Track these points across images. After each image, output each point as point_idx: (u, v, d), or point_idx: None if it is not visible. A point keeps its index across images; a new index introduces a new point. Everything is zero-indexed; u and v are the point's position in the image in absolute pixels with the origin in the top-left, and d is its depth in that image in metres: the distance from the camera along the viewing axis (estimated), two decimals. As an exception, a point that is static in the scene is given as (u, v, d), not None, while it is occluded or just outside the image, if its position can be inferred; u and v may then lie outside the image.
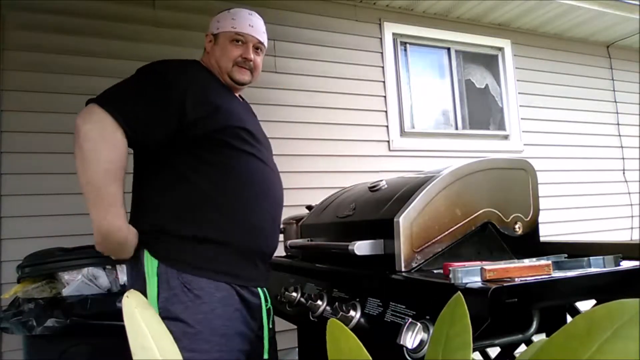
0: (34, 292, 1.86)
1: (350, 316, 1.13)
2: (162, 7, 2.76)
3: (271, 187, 1.44)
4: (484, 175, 1.31)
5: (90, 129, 1.19)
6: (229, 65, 1.45)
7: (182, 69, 1.37)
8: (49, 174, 2.46)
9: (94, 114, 1.20)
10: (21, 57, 2.48)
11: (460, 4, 3.55)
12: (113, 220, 1.20)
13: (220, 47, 1.46)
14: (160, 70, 1.33)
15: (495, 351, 1.59)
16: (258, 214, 1.36)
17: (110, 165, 1.19)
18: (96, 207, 1.18)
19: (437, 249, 1.19)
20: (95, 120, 1.20)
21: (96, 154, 1.18)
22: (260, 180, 1.39)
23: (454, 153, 3.54)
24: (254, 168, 1.38)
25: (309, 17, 3.27)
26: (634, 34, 4.18)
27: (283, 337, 2.60)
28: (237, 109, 1.45)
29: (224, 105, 1.37)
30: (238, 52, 1.45)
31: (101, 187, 1.18)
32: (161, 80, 1.30)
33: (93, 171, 1.18)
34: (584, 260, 1.10)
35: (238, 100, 1.54)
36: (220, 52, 1.46)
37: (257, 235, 1.36)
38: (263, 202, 1.39)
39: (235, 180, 1.34)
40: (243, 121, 1.40)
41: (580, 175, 4.12)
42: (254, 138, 1.40)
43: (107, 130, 1.19)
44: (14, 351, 2.23)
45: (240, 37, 1.46)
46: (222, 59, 1.45)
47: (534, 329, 0.94)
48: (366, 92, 3.39)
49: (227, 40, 1.46)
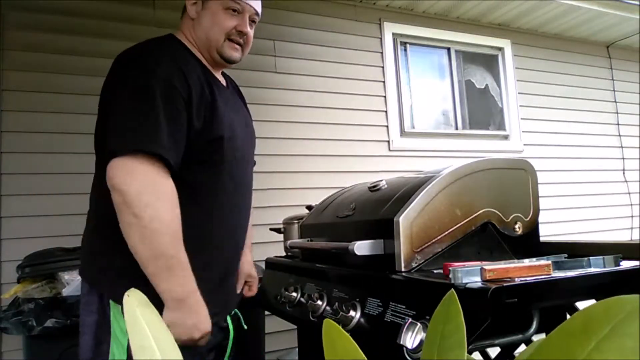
0: (34, 292, 1.87)
1: (350, 316, 1.13)
2: (162, 7, 2.76)
3: (236, 205, 1.30)
4: (484, 175, 1.31)
5: (139, 191, 0.99)
6: (220, 39, 1.22)
7: (177, 62, 1.15)
8: (49, 174, 2.46)
9: (134, 169, 1.01)
10: (21, 57, 2.49)
11: (460, 4, 3.55)
12: (189, 284, 1.05)
13: (211, 14, 1.22)
14: (158, 66, 1.11)
15: (495, 351, 1.59)
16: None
17: (175, 226, 1.03)
18: (171, 278, 1.02)
19: (437, 249, 1.19)
20: (140, 175, 1.00)
21: (160, 221, 1.00)
22: (225, 201, 1.25)
23: (454, 153, 3.54)
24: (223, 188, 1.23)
25: (309, 17, 3.27)
26: (634, 34, 4.18)
27: (283, 337, 2.61)
28: (226, 107, 1.24)
29: (219, 107, 1.19)
30: (232, 23, 1.22)
31: (174, 256, 1.02)
32: (163, 85, 1.09)
33: (162, 243, 1.00)
34: (584, 260, 1.10)
35: (223, 88, 1.31)
36: (210, 22, 1.22)
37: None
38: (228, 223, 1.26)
39: (205, 205, 1.20)
40: (233, 127, 1.23)
41: (580, 175, 4.12)
42: (235, 147, 1.24)
43: (158, 183, 1.02)
44: (14, 351, 2.23)
45: (237, 4, 1.22)
46: (212, 31, 1.22)
47: (534, 329, 0.94)
48: (366, 92, 3.39)
49: (219, 7, 1.22)
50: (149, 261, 1.01)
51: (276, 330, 2.57)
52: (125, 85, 1.09)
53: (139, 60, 1.13)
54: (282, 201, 2.91)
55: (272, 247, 2.32)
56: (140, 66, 1.11)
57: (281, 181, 2.99)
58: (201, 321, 1.07)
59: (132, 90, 1.08)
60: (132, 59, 1.15)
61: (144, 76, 1.09)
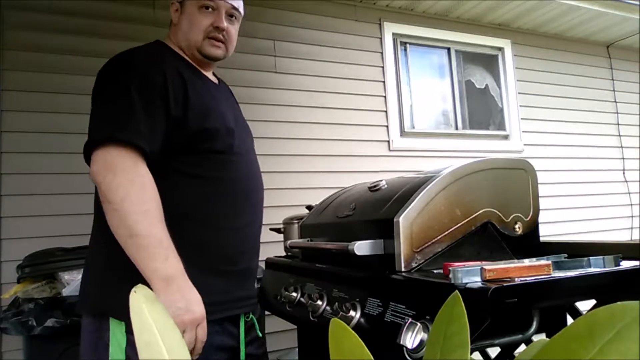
0: (34, 292, 1.87)
1: (350, 316, 1.13)
2: (162, 7, 2.76)
3: (253, 189, 1.32)
4: (484, 175, 1.31)
5: (113, 176, 1.04)
6: (199, 38, 1.26)
7: (155, 59, 1.20)
8: (49, 174, 2.46)
9: (108, 160, 1.06)
10: (21, 57, 2.49)
11: (460, 4, 3.55)
12: (174, 264, 1.04)
13: (188, 16, 1.27)
14: (136, 63, 1.17)
15: (495, 351, 1.59)
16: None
17: (149, 206, 1.05)
18: (153, 257, 1.02)
19: (437, 249, 1.19)
20: (114, 162, 1.05)
21: (130, 201, 1.03)
22: (240, 188, 1.26)
23: (454, 153, 3.54)
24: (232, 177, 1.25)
25: (309, 17, 3.27)
26: (634, 34, 4.18)
27: (283, 337, 2.61)
28: (213, 98, 1.27)
29: (204, 100, 1.22)
30: (208, 21, 1.26)
31: (150, 234, 1.03)
32: (140, 79, 1.13)
33: (136, 221, 1.02)
34: (584, 260, 1.10)
35: (212, 83, 1.35)
36: (187, 24, 1.27)
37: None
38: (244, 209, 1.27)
39: (212, 193, 1.22)
40: (224, 118, 1.25)
41: (580, 175, 4.12)
42: (231, 136, 1.26)
43: (130, 168, 1.06)
44: (14, 351, 2.23)
45: (209, 2, 1.25)
46: (191, 32, 1.26)
47: (534, 329, 0.94)
48: (366, 92, 3.40)
49: (194, 8, 1.26)
50: (126, 242, 1.04)
51: (276, 330, 2.57)
52: (103, 82, 1.17)
53: (118, 59, 1.20)
54: (282, 201, 2.91)
55: (272, 247, 2.32)
56: (119, 64, 1.18)
57: (281, 181, 2.99)
58: (192, 303, 1.06)
59: (108, 85, 1.15)
60: (113, 59, 1.21)
61: (121, 71, 1.16)
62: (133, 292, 0.45)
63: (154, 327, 0.42)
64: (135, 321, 0.42)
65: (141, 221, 1.03)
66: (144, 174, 1.08)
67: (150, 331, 0.42)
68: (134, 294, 0.45)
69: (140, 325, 0.42)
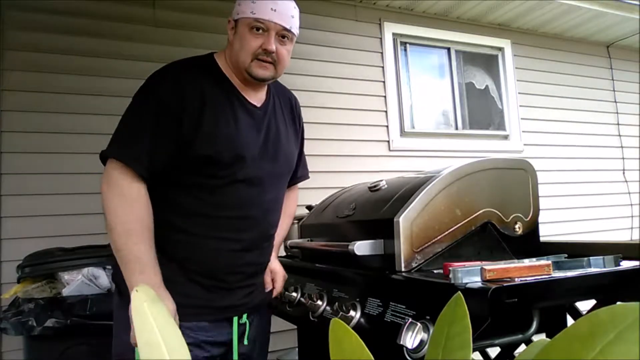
0: (34, 292, 1.86)
1: (350, 316, 1.13)
2: (162, 7, 2.76)
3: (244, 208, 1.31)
4: (484, 175, 1.31)
5: (108, 190, 1.16)
6: (247, 60, 1.25)
7: (178, 80, 1.23)
8: (49, 174, 2.46)
9: (109, 173, 1.17)
10: (21, 57, 2.49)
11: (460, 4, 3.55)
12: (153, 277, 1.14)
13: (239, 37, 1.25)
14: (156, 86, 1.23)
15: (495, 351, 1.59)
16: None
17: (132, 224, 1.14)
18: (131, 272, 1.13)
19: (437, 249, 1.19)
20: (113, 178, 1.16)
21: (115, 216, 1.14)
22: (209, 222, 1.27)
23: (454, 153, 3.54)
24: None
25: (309, 17, 3.26)
26: (633, 34, 4.18)
27: (283, 337, 2.61)
28: (231, 128, 1.26)
29: (220, 128, 1.24)
30: (257, 43, 1.23)
31: (131, 252, 1.13)
32: (156, 102, 1.20)
33: (116, 236, 1.14)
34: (584, 260, 1.10)
35: (247, 108, 1.32)
36: (238, 44, 1.26)
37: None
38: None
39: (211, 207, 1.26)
40: (243, 146, 1.26)
41: (580, 175, 4.12)
42: (241, 164, 1.25)
43: (124, 186, 1.16)
44: (14, 351, 2.23)
45: (259, 24, 1.22)
46: (241, 53, 1.25)
47: (534, 329, 0.94)
48: (366, 92, 3.39)
49: (245, 28, 1.24)
50: (113, 247, 1.16)
51: (276, 330, 2.56)
52: (132, 99, 1.26)
53: (147, 80, 1.26)
54: (282, 201, 2.91)
55: (272, 247, 2.31)
56: (144, 84, 1.26)
57: (281, 181, 2.98)
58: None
59: (131, 104, 1.24)
60: (149, 77, 1.27)
61: (141, 92, 1.25)
62: (135, 291, 0.45)
63: (154, 327, 0.42)
64: (136, 320, 0.42)
65: (124, 239, 1.14)
66: (136, 194, 1.17)
67: (151, 330, 0.42)
68: (136, 293, 0.45)
69: (141, 324, 0.42)
